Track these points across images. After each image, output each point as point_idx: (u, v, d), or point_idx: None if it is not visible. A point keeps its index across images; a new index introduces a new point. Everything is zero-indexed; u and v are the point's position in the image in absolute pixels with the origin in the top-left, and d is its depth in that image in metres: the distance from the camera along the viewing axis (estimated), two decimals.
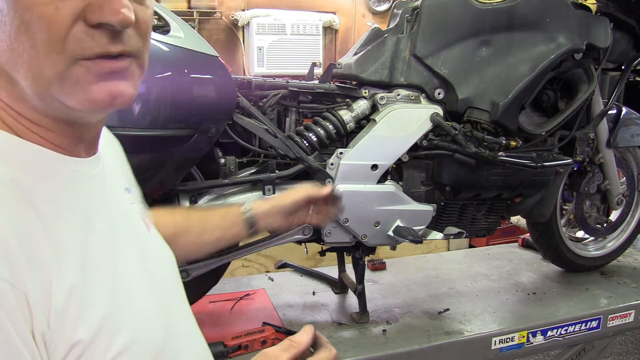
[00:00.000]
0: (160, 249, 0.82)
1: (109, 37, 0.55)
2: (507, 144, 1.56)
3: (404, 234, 1.55)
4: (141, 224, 0.77)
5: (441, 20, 1.58)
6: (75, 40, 0.53)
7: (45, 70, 0.54)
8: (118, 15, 0.53)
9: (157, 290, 0.70)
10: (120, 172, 0.80)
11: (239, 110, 1.43)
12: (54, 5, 0.51)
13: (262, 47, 3.63)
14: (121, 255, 0.65)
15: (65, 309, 0.54)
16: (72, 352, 0.54)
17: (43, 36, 0.52)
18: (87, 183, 0.64)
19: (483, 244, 3.29)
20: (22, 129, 0.59)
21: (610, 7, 1.75)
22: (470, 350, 1.65)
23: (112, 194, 0.70)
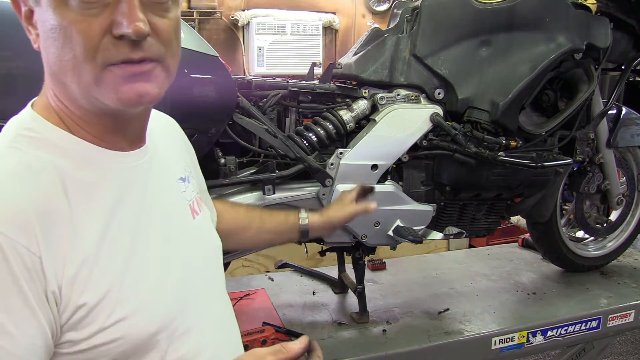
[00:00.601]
0: (201, 237, 0.90)
1: (130, 46, 0.66)
2: (507, 144, 1.56)
3: (404, 234, 1.55)
4: (186, 211, 0.87)
5: (441, 20, 1.58)
6: (104, 49, 0.65)
7: (84, 75, 0.66)
8: (132, 28, 0.64)
9: (179, 272, 0.79)
10: (176, 162, 0.91)
11: (239, 110, 1.43)
12: (87, 22, 0.64)
13: (262, 47, 3.63)
14: (145, 236, 0.75)
15: (75, 277, 0.66)
16: (78, 313, 0.66)
17: (80, 47, 0.65)
18: (127, 173, 0.76)
19: (483, 244, 3.29)
20: (74, 125, 0.72)
21: (610, 7, 1.75)
22: (470, 350, 1.65)
23: (156, 182, 0.81)
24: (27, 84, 1.19)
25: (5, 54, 1.17)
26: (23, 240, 0.62)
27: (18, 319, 0.62)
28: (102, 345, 0.68)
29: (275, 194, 1.47)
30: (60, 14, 0.64)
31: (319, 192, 1.51)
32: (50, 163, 0.68)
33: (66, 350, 0.68)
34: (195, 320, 0.81)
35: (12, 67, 1.19)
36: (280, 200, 1.49)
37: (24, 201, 0.64)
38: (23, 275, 0.62)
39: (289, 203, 1.51)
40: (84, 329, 0.67)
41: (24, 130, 0.71)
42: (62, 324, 0.66)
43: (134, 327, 0.70)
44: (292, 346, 0.76)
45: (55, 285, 0.64)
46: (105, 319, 0.68)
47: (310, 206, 1.52)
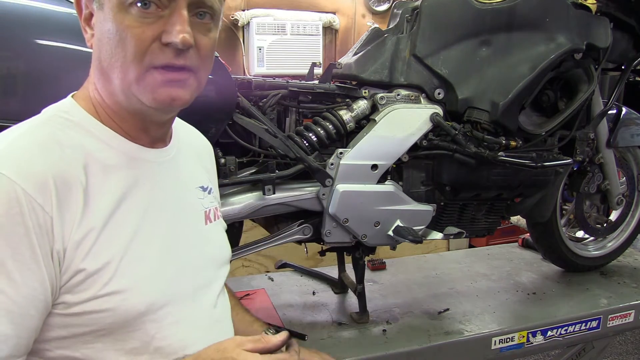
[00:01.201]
0: (209, 242, 0.97)
1: (174, 53, 0.76)
2: (507, 144, 1.56)
3: (404, 234, 1.55)
4: (199, 215, 0.95)
5: (441, 20, 1.58)
6: (151, 53, 0.75)
7: (129, 73, 0.76)
8: (180, 38, 0.74)
9: (176, 265, 0.86)
10: (199, 172, 1.01)
11: (239, 110, 1.43)
12: (141, 29, 0.74)
13: (262, 47, 3.62)
14: (151, 225, 0.83)
15: (80, 242, 0.74)
16: (77, 277, 0.74)
17: (132, 49, 0.75)
18: (145, 166, 0.85)
19: (483, 244, 3.30)
20: (106, 116, 0.83)
21: (610, 7, 1.75)
22: (470, 350, 1.65)
23: (172, 181, 0.90)
24: (27, 84, 1.19)
25: (5, 54, 1.17)
26: (40, 198, 0.70)
27: (24, 269, 0.69)
28: (92, 312, 0.75)
29: (275, 194, 1.47)
30: (120, 19, 0.74)
31: (319, 192, 1.51)
32: (78, 142, 0.78)
33: (60, 311, 0.75)
34: (186, 314, 0.86)
35: (12, 67, 1.19)
36: (280, 200, 1.49)
37: (46, 167, 0.73)
38: (35, 230, 0.70)
39: (289, 203, 1.51)
40: (80, 294, 0.74)
41: (61, 113, 0.81)
42: (61, 284, 0.73)
43: (124, 302, 0.77)
44: (271, 338, 0.83)
45: (61, 246, 0.72)
46: (100, 287, 0.75)
47: (311, 206, 1.53)
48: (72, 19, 1.26)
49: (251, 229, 1.88)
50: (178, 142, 0.95)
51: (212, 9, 0.80)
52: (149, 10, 0.74)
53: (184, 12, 0.75)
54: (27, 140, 0.75)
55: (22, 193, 0.69)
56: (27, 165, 0.72)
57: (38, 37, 1.19)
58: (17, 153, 0.73)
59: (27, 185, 0.70)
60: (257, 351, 0.80)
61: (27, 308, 0.70)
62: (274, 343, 0.82)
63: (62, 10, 1.25)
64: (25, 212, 0.69)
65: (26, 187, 0.70)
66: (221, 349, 0.81)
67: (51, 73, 1.20)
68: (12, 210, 0.69)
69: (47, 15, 1.23)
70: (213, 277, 0.96)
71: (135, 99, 0.79)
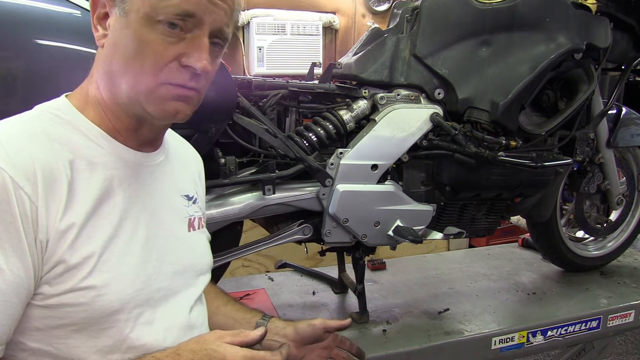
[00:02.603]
0: (191, 248, 0.97)
1: (190, 75, 0.80)
2: (507, 144, 1.56)
3: (404, 234, 1.55)
4: (182, 221, 0.97)
5: (441, 20, 1.58)
6: (168, 71, 0.79)
7: (142, 83, 0.79)
8: (201, 66, 0.79)
9: (154, 267, 0.86)
10: (186, 181, 1.02)
11: (239, 110, 1.43)
12: (164, 47, 0.78)
13: (262, 47, 3.62)
14: (132, 226, 0.84)
15: (63, 234, 0.75)
16: (58, 267, 0.75)
17: (150, 63, 0.78)
18: (130, 167, 0.86)
19: (483, 244, 3.30)
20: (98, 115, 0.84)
21: (610, 7, 1.75)
22: (470, 350, 1.65)
23: (156, 186, 0.91)
24: (27, 84, 1.19)
25: (5, 54, 1.17)
26: (27, 187, 0.72)
27: (10, 256, 0.71)
28: (67, 305, 0.76)
29: (275, 194, 1.47)
30: (144, 32, 0.77)
31: (319, 192, 1.51)
32: (66, 138, 0.80)
33: (37, 302, 0.76)
34: (161, 316, 0.87)
35: (12, 67, 1.19)
36: (280, 200, 1.49)
37: (35, 157, 0.74)
38: (22, 218, 0.71)
39: (289, 203, 1.51)
40: (57, 286, 0.75)
41: (52, 109, 0.82)
42: (41, 274, 0.75)
43: (100, 299, 0.78)
44: (250, 333, 0.86)
45: (45, 237, 0.74)
46: (78, 281, 0.76)
47: (311, 206, 1.53)
48: (72, 18, 1.27)
49: (251, 229, 1.88)
50: (167, 150, 0.97)
51: (225, 39, 0.85)
52: (173, 31, 0.77)
53: (206, 40, 0.79)
54: (16, 131, 0.77)
55: (10, 181, 0.71)
56: (15, 155, 0.73)
57: (38, 37, 1.19)
58: (6, 142, 0.74)
59: (15, 174, 0.71)
60: (236, 344, 0.83)
61: (10, 295, 0.71)
62: (252, 337, 0.85)
63: (62, 10, 1.25)
64: (12, 200, 0.70)
65: (14, 176, 0.71)
66: (201, 341, 0.84)
67: (51, 73, 1.20)
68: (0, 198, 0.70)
69: (47, 15, 1.23)
70: (191, 284, 0.96)
71: (139, 107, 0.81)
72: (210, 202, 1.45)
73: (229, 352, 0.82)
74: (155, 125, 0.88)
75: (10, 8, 1.19)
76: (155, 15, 0.76)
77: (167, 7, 0.76)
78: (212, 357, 0.81)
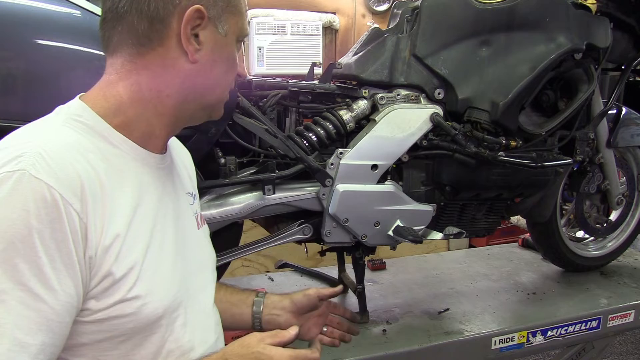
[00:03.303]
0: (201, 245, 1.00)
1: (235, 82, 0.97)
2: (507, 144, 1.55)
3: (404, 234, 1.55)
4: (192, 220, 0.98)
5: (441, 20, 1.58)
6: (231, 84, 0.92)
7: (225, 94, 0.92)
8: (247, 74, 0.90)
9: (183, 268, 0.88)
10: (186, 178, 1.02)
11: (239, 110, 1.43)
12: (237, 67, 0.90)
13: (262, 47, 3.62)
14: (161, 230, 0.84)
15: (109, 247, 0.74)
16: (105, 281, 0.74)
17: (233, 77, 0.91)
18: (151, 171, 0.86)
19: (483, 244, 3.29)
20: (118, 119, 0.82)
21: (610, 7, 1.75)
22: (470, 350, 1.65)
23: (172, 187, 0.92)
24: (27, 84, 1.19)
25: (5, 54, 1.17)
26: (77, 205, 0.70)
27: (62, 276, 0.69)
28: (116, 318, 0.75)
29: (275, 194, 1.47)
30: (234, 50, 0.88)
31: (319, 192, 1.51)
32: (96, 146, 0.78)
33: (83, 318, 0.74)
34: (193, 316, 0.88)
35: (12, 67, 1.19)
36: (280, 200, 1.49)
37: (78, 171, 0.72)
38: (73, 236, 0.70)
39: (289, 203, 1.51)
40: (105, 299, 0.74)
41: (74, 116, 0.80)
42: (88, 290, 0.73)
43: (146, 306, 0.78)
44: (285, 333, 0.89)
45: (94, 252, 0.72)
46: (126, 292, 0.75)
47: (311, 206, 1.53)
48: (72, 18, 1.27)
49: (251, 229, 1.88)
50: (170, 149, 0.97)
51: None
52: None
53: None
54: (54, 143, 0.73)
55: (60, 199, 0.69)
56: (61, 170, 0.70)
57: (38, 37, 1.19)
58: (48, 157, 0.71)
59: (64, 191, 0.69)
60: (277, 345, 0.86)
61: (64, 316, 0.70)
62: (289, 337, 0.88)
63: (62, 10, 1.25)
64: (64, 218, 0.69)
65: (63, 193, 0.69)
66: (245, 345, 0.85)
67: (51, 73, 1.20)
68: (50, 216, 0.68)
69: (47, 15, 1.23)
70: (209, 280, 0.99)
71: (207, 114, 0.91)
72: (210, 202, 1.45)
73: (275, 353, 0.84)
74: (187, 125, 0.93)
75: (10, 8, 1.19)
76: (241, 36, 0.88)
77: (244, 30, 0.89)
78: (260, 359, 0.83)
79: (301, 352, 0.87)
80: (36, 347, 0.67)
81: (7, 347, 0.65)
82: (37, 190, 0.67)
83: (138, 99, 0.82)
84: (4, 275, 0.65)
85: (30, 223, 0.66)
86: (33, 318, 0.67)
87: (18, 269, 0.66)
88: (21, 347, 0.65)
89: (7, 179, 0.67)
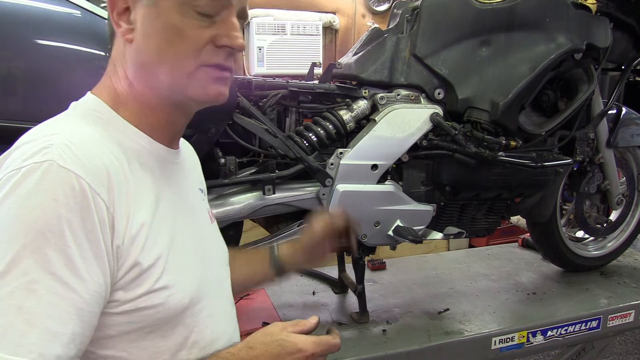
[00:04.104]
0: (215, 238, 1.01)
1: (226, 55, 0.81)
2: (507, 144, 1.56)
3: (404, 234, 1.55)
4: (206, 215, 0.99)
5: (441, 20, 1.58)
6: (205, 53, 0.79)
7: (182, 70, 0.79)
8: (238, 44, 0.80)
9: (202, 260, 0.88)
10: (197, 173, 1.04)
11: (239, 110, 1.43)
12: (199, 32, 0.78)
13: (262, 47, 3.62)
14: (181, 223, 0.85)
15: (135, 237, 0.74)
16: (132, 271, 0.74)
17: (187, 48, 0.78)
18: (168, 165, 0.87)
19: (483, 244, 3.29)
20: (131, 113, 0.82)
21: (610, 7, 1.75)
22: (470, 350, 1.65)
23: (186, 183, 0.92)
24: (27, 84, 1.19)
25: (5, 54, 1.17)
26: (104, 194, 0.71)
27: (91, 265, 0.69)
28: (144, 309, 0.75)
29: (275, 194, 1.47)
30: (178, 19, 0.78)
31: (319, 192, 1.51)
32: (116, 139, 0.79)
33: (111, 310, 0.74)
34: (216, 308, 0.90)
35: (12, 67, 1.19)
36: (280, 200, 1.49)
37: (106, 161, 0.73)
38: (100, 225, 0.70)
39: (289, 203, 1.51)
40: (133, 290, 0.74)
41: (90, 110, 0.81)
42: (116, 280, 0.73)
43: (173, 297, 0.78)
44: (307, 322, 0.88)
45: (121, 241, 0.73)
46: (153, 282, 0.75)
47: (311, 206, 1.53)
48: (72, 18, 1.27)
49: (251, 229, 1.88)
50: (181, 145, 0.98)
51: (246, 18, 0.86)
52: (205, 15, 0.78)
53: (235, 20, 0.81)
54: (80, 136, 0.74)
55: (89, 188, 0.69)
56: (88, 161, 0.71)
57: (38, 37, 1.19)
58: (75, 147, 0.71)
59: (92, 180, 0.70)
60: (299, 332, 0.86)
61: (94, 305, 0.70)
62: (310, 326, 0.89)
63: (62, 10, 1.25)
64: (92, 208, 0.69)
65: (91, 182, 0.70)
66: (268, 333, 0.86)
67: (51, 73, 1.20)
68: (79, 206, 0.68)
69: (47, 15, 1.23)
70: (225, 274, 1.00)
71: (181, 94, 0.81)
72: (211, 202, 1.45)
73: (299, 340, 0.85)
74: (190, 113, 0.88)
75: (10, 8, 1.19)
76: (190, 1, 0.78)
77: None
78: (284, 346, 0.84)
79: (324, 338, 0.87)
80: (67, 337, 0.67)
81: (39, 336, 0.65)
82: (65, 180, 0.68)
83: (127, 94, 0.83)
84: (34, 265, 0.65)
85: (59, 212, 0.67)
86: (64, 307, 0.67)
87: (48, 259, 0.66)
88: (53, 336, 0.66)
89: (35, 170, 0.67)
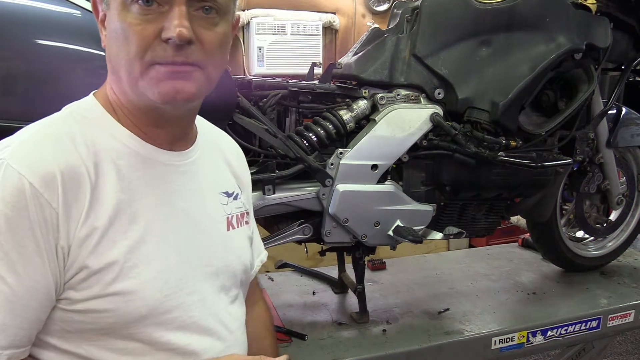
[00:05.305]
0: (228, 248, 0.94)
1: (174, 49, 0.75)
2: (507, 144, 1.56)
3: (404, 234, 1.55)
4: (221, 220, 0.94)
5: (441, 20, 1.58)
6: (153, 50, 0.75)
7: (134, 69, 0.76)
8: (177, 33, 0.73)
9: (184, 272, 0.84)
10: (226, 177, 0.99)
11: (239, 110, 1.43)
12: (142, 26, 0.74)
13: (262, 47, 3.62)
14: (158, 230, 0.82)
15: (84, 240, 0.74)
16: (81, 273, 0.74)
17: (134, 46, 0.75)
18: (158, 168, 0.84)
19: (483, 244, 3.29)
20: (122, 115, 0.83)
21: (610, 7, 1.75)
22: (470, 350, 1.65)
23: (190, 186, 0.88)
24: (27, 84, 1.19)
25: (5, 54, 1.17)
26: (46, 194, 0.72)
27: (27, 262, 0.71)
28: (95, 311, 0.76)
29: (275, 194, 1.47)
30: (123, 17, 0.75)
31: (319, 192, 1.51)
32: (92, 140, 0.79)
33: (64, 306, 0.76)
34: (195, 320, 0.85)
35: (12, 67, 1.19)
36: (280, 200, 1.49)
37: (56, 162, 0.74)
38: (39, 225, 0.71)
39: (289, 203, 1.51)
40: (83, 291, 0.75)
41: (80, 110, 0.83)
42: (65, 280, 0.75)
43: (127, 304, 0.77)
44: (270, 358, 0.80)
45: (66, 242, 0.73)
46: (103, 287, 0.76)
47: (311, 206, 1.53)
48: (72, 19, 1.27)
49: None
50: (203, 146, 0.93)
51: (216, 2, 0.78)
52: (150, 7, 0.74)
53: (182, 8, 0.75)
54: (41, 135, 0.77)
55: (29, 187, 0.71)
56: (36, 160, 0.73)
57: (38, 37, 1.19)
58: (29, 147, 0.74)
59: (34, 180, 0.71)
60: None
61: (28, 300, 0.72)
62: None
63: (62, 10, 1.25)
64: (30, 206, 0.71)
65: (33, 181, 0.71)
66: None
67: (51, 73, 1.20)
68: (18, 204, 0.70)
69: (47, 15, 1.23)
70: (227, 286, 0.93)
71: (143, 96, 0.79)
72: None
73: None
74: (172, 114, 0.84)
75: (10, 8, 1.19)
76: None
77: None
78: None
79: None
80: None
81: None
82: (9, 178, 0.71)
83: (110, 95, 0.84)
84: None
85: (0, 209, 0.70)
86: None
87: None
88: None
89: None
